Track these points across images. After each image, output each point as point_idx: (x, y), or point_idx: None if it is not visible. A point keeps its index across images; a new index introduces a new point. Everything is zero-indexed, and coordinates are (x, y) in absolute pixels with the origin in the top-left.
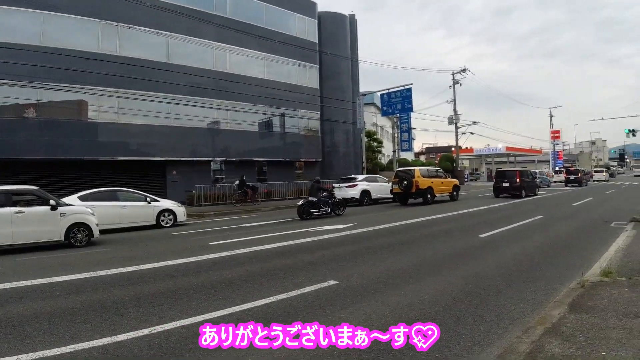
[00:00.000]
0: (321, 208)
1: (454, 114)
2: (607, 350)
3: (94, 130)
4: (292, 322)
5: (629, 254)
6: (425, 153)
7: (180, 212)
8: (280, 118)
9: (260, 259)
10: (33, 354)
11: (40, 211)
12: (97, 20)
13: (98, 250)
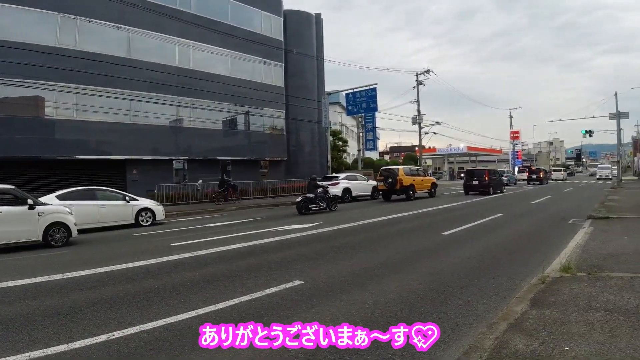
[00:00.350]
0: (318, 204)
1: (417, 114)
2: (570, 345)
3: (51, 128)
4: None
5: (587, 250)
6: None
7: (159, 211)
8: (245, 116)
9: (224, 260)
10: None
11: (18, 211)
12: (56, 13)
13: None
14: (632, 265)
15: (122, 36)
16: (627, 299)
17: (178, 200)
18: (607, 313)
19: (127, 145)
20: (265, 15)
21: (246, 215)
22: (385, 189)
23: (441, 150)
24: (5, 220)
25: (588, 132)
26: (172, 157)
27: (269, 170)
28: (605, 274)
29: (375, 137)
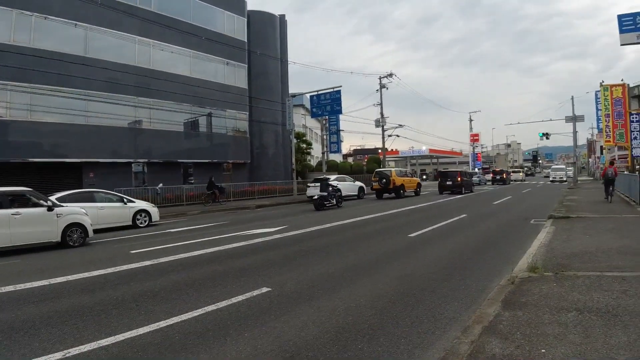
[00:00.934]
0: (330, 201)
1: (380, 117)
2: (546, 347)
3: (3, 129)
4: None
5: (552, 249)
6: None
7: (154, 212)
8: (207, 118)
9: (186, 268)
10: None
11: (38, 212)
12: (10, 9)
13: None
14: (597, 264)
15: (80, 34)
16: (596, 298)
17: None
18: (579, 313)
19: (83, 148)
20: (228, 15)
21: (209, 219)
22: (380, 188)
23: (404, 153)
24: (25, 222)
25: (545, 135)
26: (131, 159)
27: (232, 173)
28: (572, 273)
29: (339, 139)
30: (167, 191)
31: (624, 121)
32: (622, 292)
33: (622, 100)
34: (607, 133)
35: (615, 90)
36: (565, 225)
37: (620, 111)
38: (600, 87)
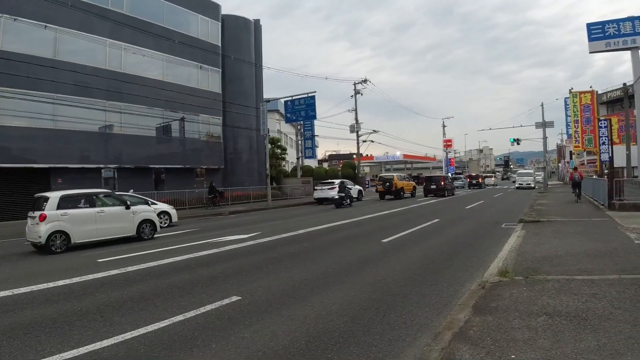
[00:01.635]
0: (346, 201)
1: (355, 123)
2: (516, 353)
3: None
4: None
5: (522, 253)
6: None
7: (173, 214)
8: (180, 123)
9: (154, 276)
10: None
11: (118, 210)
12: None
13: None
14: (566, 268)
15: (50, 36)
16: (566, 302)
17: None
18: (548, 317)
19: (52, 153)
20: (202, 19)
21: (181, 226)
22: (383, 190)
23: (378, 158)
24: (108, 219)
25: (516, 141)
26: (101, 165)
27: (205, 178)
28: (542, 277)
29: (313, 144)
30: None
31: (592, 127)
32: (592, 295)
33: (590, 107)
34: (576, 138)
35: (584, 97)
36: (536, 229)
37: (589, 117)
38: (570, 94)
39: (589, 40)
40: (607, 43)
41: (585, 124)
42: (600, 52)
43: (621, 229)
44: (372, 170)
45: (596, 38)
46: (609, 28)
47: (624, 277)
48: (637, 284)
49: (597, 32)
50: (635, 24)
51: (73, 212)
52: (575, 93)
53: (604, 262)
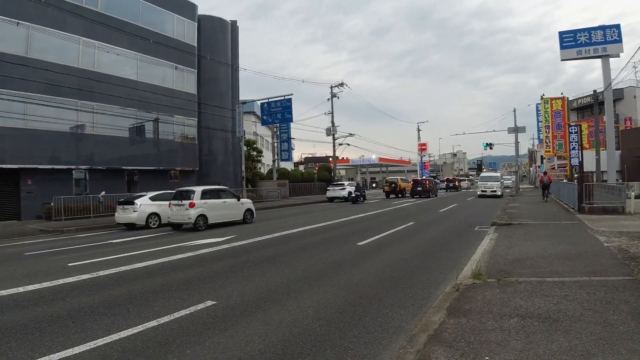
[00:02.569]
0: (360, 198)
1: (331, 126)
2: (489, 354)
3: None
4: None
5: (494, 255)
6: (304, 163)
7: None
8: (154, 123)
9: (127, 281)
10: None
11: (234, 201)
12: None
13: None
14: (538, 270)
15: (22, 33)
16: (538, 304)
17: (78, 214)
18: (521, 319)
19: (21, 153)
20: (178, 18)
21: (155, 229)
22: (389, 190)
23: (354, 161)
24: (228, 207)
25: (489, 145)
26: (72, 166)
27: (179, 180)
28: (514, 279)
29: (290, 147)
30: (109, 200)
31: (563, 132)
32: (563, 297)
33: (561, 113)
34: (547, 143)
35: (555, 103)
36: (508, 232)
37: (559, 123)
38: (541, 100)
39: (561, 48)
40: (578, 51)
41: (556, 129)
42: (572, 60)
43: (591, 232)
44: (347, 173)
45: (568, 46)
46: (581, 36)
47: (593, 279)
48: (607, 286)
49: (569, 40)
50: (606, 32)
51: (210, 202)
52: (547, 99)
53: (575, 264)
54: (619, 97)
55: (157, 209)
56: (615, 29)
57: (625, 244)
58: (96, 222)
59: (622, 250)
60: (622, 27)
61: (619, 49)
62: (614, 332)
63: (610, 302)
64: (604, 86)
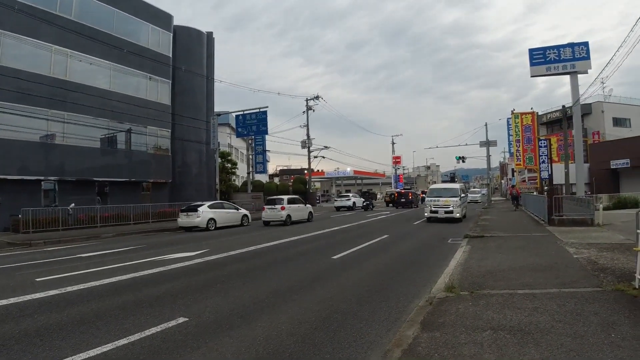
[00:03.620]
0: (370, 207)
1: (307, 139)
2: None
3: None
4: None
5: (467, 268)
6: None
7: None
8: (127, 134)
9: (96, 297)
10: None
11: (302, 206)
12: None
13: None
14: (509, 282)
15: None
16: (509, 316)
17: (46, 226)
18: (493, 332)
19: None
20: (153, 28)
21: (125, 242)
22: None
23: (329, 174)
24: (299, 210)
25: (461, 158)
26: (41, 177)
27: (151, 192)
28: (486, 292)
29: (265, 159)
30: (79, 212)
31: (533, 146)
32: (533, 309)
33: (531, 127)
34: (518, 157)
35: (525, 117)
36: (480, 244)
37: (529, 137)
38: (512, 115)
39: (531, 65)
40: (547, 67)
41: (526, 143)
42: (542, 76)
43: (560, 244)
44: (323, 186)
45: (538, 63)
46: (550, 54)
47: (563, 291)
48: (576, 297)
49: (539, 57)
50: (575, 50)
51: (293, 206)
52: (517, 114)
53: (545, 276)
54: (587, 112)
55: (214, 215)
56: (584, 46)
57: (594, 256)
58: (65, 235)
59: (591, 262)
60: (590, 44)
61: (587, 66)
62: (584, 343)
63: (580, 313)
64: (573, 101)
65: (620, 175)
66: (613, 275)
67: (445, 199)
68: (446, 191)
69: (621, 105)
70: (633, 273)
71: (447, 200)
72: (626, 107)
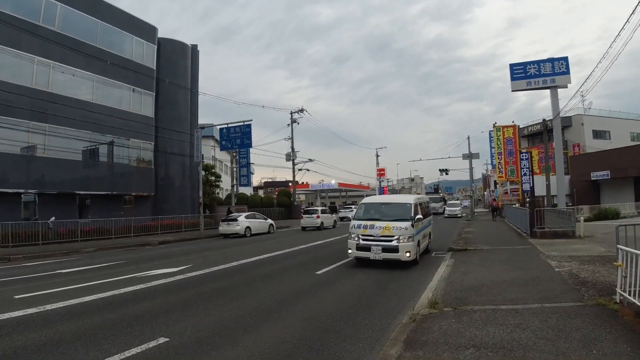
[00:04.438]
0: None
1: (291, 151)
2: None
3: None
4: None
5: (451, 282)
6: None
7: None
8: (109, 147)
9: (75, 316)
10: None
11: (330, 215)
12: None
13: None
14: (492, 297)
15: None
16: (492, 333)
17: (26, 240)
18: (476, 350)
19: None
20: (137, 40)
21: (106, 258)
22: None
23: (314, 186)
24: (328, 218)
25: (444, 171)
26: (21, 189)
27: (133, 206)
28: (469, 308)
29: (249, 172)
30: (60, 225)
31: (514, 159)
32: (516, 325)
33: (513, 140)
34: (500, 169)
35: (507, 130)
36: (464, 258)
37: (511, 149)
38: (494, 128)
39: (512, 80)
40: (528, 82)
41: (508, 155)
42: (522, 91)
43: (542, 257)
44: (307, 198)
45: (518, 77)
46: (530, 68)
47: (545, 306)
48: (558, 313)
49: (519, 72)
50: (555, 64)
51: (324, 215)
52: (499, 127)
53: (527, 290)
54: (568, 125)
55: (249, 224)
56: (563, 61)
57: (576, 269)
58: (45, 250)
59: (573, 275)
60: (570, 58)
61: (567, 80)
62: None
63: (562, 329)
64: (553, 115)
65: (601, 187)
66: (594, 289)
67: (387, 225)
68: (389, 210)
69: (601, 118)
70: (614, 287)
71: (392, 227)
72: (605, 120)
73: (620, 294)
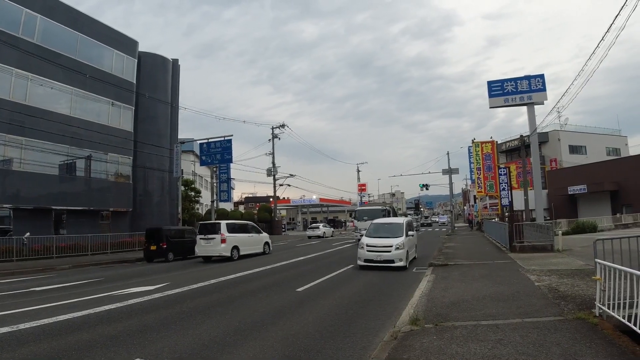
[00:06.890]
0: None
1: (272, 166)
2: None
3: None
4: None
5: (432, 298)
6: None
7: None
8: (86, 161)
9: (50, 336)
10: None
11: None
12: None
13: None
14: (473, 313)
15: None
16: (473, 350)
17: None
18: None
19: None
20: (117, 54)
21: (83, 275)
22: None
23: (295, 202)
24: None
25: (425, 186)
26: None
27: (110, 222)
28: (450, 324)
29: (229, 187)
30: (34, 241)
31: (493, 174)
32: (497, 341)
33: (491, 155)
34: (479, 184)
35: (485, 146)
36: (444, 273)
37: (490, 165)
38: (473, 144)
39: (490, 97)
40: (505, 99)
41: (487, 171)
42: (500, 107)
43: (522, 272)
44: (288, 213)
45: (496, 94)
46: (508, 86)
47: (526, 321)
48: (539, 328)
49: (497, 89)
50: (532, 82)
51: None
52: (478, 143)
53: (508, 305)
54: (544, 140)
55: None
56: (540, 78)
57: (555, 283)
58: (19, 267)
59: (552, 290)
60: (547, 76)
61: (544, 97)
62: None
63: (543, 344)
64: (530, 131)
65: (578, 201)
66: (574, 303)
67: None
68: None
69: (577, 134)
70: (593, 300)
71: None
72: (581, 135)
73: (600, 308)
